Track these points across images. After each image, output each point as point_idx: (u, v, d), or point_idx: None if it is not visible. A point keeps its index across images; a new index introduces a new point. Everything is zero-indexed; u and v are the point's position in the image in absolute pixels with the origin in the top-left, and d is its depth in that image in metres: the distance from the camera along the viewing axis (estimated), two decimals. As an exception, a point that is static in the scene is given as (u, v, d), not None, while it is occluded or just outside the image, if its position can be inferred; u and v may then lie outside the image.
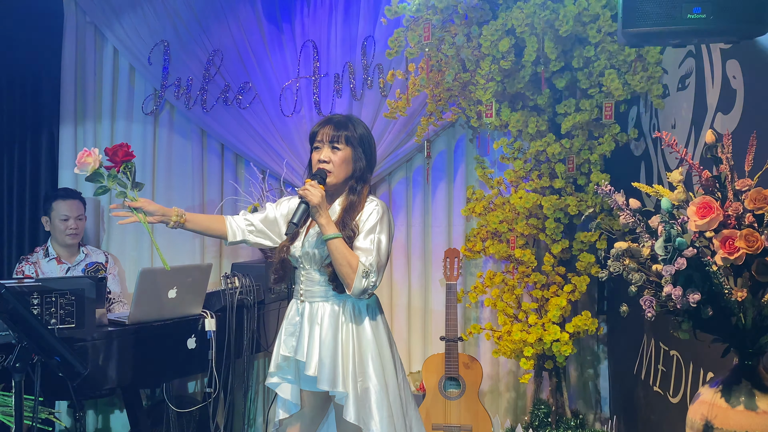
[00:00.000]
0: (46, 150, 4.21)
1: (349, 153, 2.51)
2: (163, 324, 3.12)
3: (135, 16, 4.08)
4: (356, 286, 2.37)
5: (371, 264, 2.39)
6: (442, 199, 3.99)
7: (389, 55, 3.38)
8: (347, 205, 2.50)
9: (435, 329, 3.97)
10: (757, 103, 2.06)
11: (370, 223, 2.46)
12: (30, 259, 3.76)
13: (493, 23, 3.13)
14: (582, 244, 3.44)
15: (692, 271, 1.61)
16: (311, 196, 2.36)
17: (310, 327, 2.49)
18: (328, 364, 2.43)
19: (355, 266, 2.37)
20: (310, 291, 2.53)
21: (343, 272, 2.38)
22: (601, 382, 3.90)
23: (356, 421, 2.40)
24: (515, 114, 3.42)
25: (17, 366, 2.04)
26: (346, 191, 2.54)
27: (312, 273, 2.52)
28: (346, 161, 2.51)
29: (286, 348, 2.55)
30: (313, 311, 2.51)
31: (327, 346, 2.44)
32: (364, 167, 2.54)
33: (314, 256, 2.49)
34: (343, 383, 2.42)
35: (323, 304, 2.51)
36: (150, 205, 2.48)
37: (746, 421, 1.61)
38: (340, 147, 2.50)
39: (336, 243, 2.38)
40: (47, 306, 2.72)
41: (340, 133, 2.50)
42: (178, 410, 3.47)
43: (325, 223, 2.39)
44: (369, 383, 2.45)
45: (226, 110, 4.05)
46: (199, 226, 2.60)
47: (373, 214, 2.47)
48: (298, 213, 2.39)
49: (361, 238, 2.43)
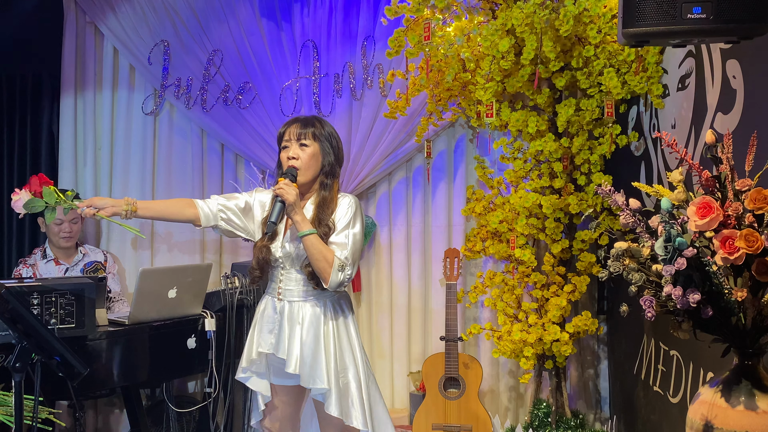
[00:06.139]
0: (46, 150, 4.21)
1: (317, 148, 2.58)
2: (163, 324, 3.13)
3: (135, 16, 4.08)
4: (333, 279, 2.45)
5: (346, 257, 2.48)
6: (442, 199, 3.99)
7: (389, 55, 3.39)
8: (320, 201, 2.57)
9: (435, 329, 3.97)
10: (757, 103, 2.06)
11: (345, 219, 2.54)
12: (28, 262, 3.75)
13: (493, 23, 3.13)
14: (582, 244, 3.44)
15: (692, 271, 1.61)
16: (287, 194, 2.42)
17: (290, 326, 2.56)
18: (309, 362, 2.51)
19: (331, 260, 2.45)
20: (290, 290, 2.59)
21: (320, 267, 2.46)
22: (601, 382, 3.90)
23: (339, 415, 2.49)
24: (515, 114, 3.42)
25: (17, 366, 2.04)
26: (317, 187, 2.60)
27: (292, 273, 2.59)
28: (314, 157, 2.57)
29: (264, 345, 2.60)
30: (293, 311, 2.58)
31: (308, 345, 2.53)
32: (333, 162, 2.61)
33: (295, 256, 2.55)
34: (326, 380, 2.50)
35: (303, 303, 2.58)
36: (98, 201, 2.54)
37: (746, 421, 1.61)
38: (307, 143, 2.56)
39: (311, 239, 2.45)
40: (47, 306, 2.73)
41: (306, 130, 2.58)
42: (178, 410, 3.47)
43: (300, 220, 2.46)
44: (349, 378, 2.55)
45: (226, 110, 4.05)
46: (154, 212, 2.62)
47: (348, 210, 2.55)
48: (275, 212, 2.44)
49: (336, 233, 2.51)
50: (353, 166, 3.95)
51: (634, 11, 1.79)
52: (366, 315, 4.09)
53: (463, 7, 3.20)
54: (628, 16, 1.80)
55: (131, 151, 4.14)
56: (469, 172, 3.96)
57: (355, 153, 3.94)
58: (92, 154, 4.16)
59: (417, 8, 3.16)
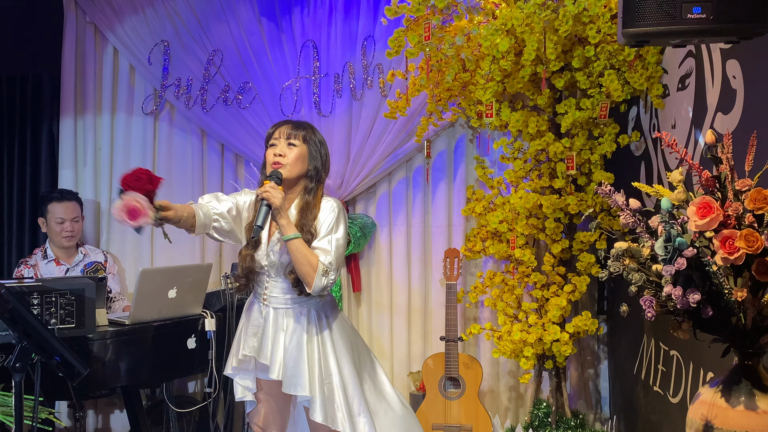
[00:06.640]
0: (46, 150, 4.21)
1: (305, 150, 2.56)
2: (163, 324, 3.13)
3: (135, 16, 4.08)
4: (316, 284, 2.43)
5: (330, 263, 2.46)
6: (442, 199, 3.99)
7: (389, 55, 3.38)
8: (303, 206, 2.54)
9: (435, 329, 3.97)
10: (757, 103, 2.06)
11: (327, 223, 2.51)
12: (29, 262, 3.75)
13: (493, 23, 3.13)
14: (582, 244, 3.44)
15: (692, 271, 1.61)
16: (273, 198, 2.38)
17: (274, 332, 2.57)
18: (291, 369, 2.51)
19: (316, 265, 2.43)
20: (275, 297, 2.59)
21: (304, 271, 2.44)
22: (601, 382, 3.90)
23: (323, 421, 2.49)
24: (515, 114, 3.42)
25: (17, 366, 2.04)
26: (302, 192, 2.57)
27: (277, 280, 2.58)
28: (301, 158, 2.54)
29: (248, 348, 2.61)
30: (278, 317, 2.58)
31: (290, 352, 2.53)
32: (320, 168, 2.58)
33: (279, 264, 2.55)
34: (309, 387, 2.50)
35: (288, 310, 2.58)
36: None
37: (746, 421, 1.61)
38: (296, 143, 2.54)
39: (296, 243, 2.43)
40: (47, 306, 2.72)
41: (297, 131, 2.56)
42: (178, 410, 3.47)
43: (285, 224, 2.43)
44: (334, 384, 2.54)
45: (226, 110, 4.05)
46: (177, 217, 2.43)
47: (330, 214, 2.53)
48: (261, 215, 2.39)
49: (319, 238, 2.49)
50: (353, 166, 3.95)
51: (634, 11, 1.79)
52: (366, 315, 4.09)
53: (463, 8, 3.19)
54: (628, 16, 1.80)
55: (131, 151, 4.14)
56: (469, 172, 3.96)
57: (355, 153, 3.94)
58: (92, 154, 4.16)
59: (417, 8, 3.16)
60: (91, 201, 4.12)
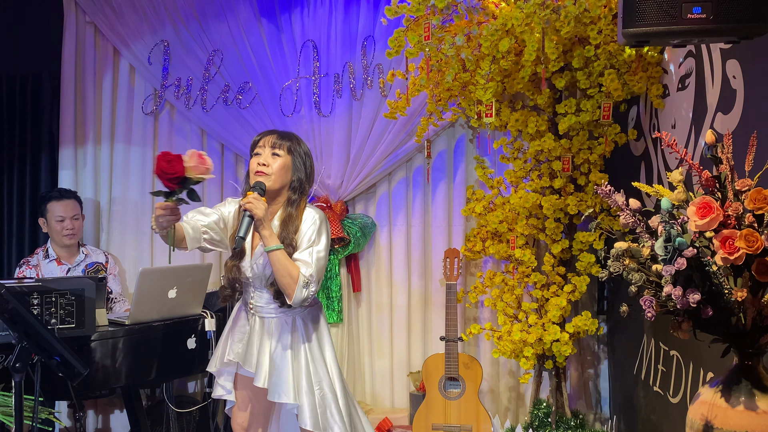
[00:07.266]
0: (46, 150, 4.21)
1: (289, 161, 2.55)
2: (163, 324, 3.13)
3: (135, 16, 4.09)
4: (297, 296, 2.43)
5: (311, 275, 2.45)
6: (442, 199, 3.99)
7: (389, 55, 3.38)
8: (285, 218, 2.53)
9: (435, 329, 3.97)
10: (757, 103, 2.06)
11: (309, 235, 2.50)
12: (31, 262, 3.75)
13: (493, 23, 3.13)
14: (582, 244, 3.44)
15: (692, 271, 1.61)
16: (256, 209, 2.37)
17: (260, 340, 2.58)
18: (276, 376, 2.52)
19: (296, 277, 2.42)
20: (261, 307, 2.61)
21: (284, 283, 2.43)
22: (601, 382, 3.89)
23: (313, 428, 2.49)
24: (515, 114, 3.42)
25: (17, 366, 2.04)
26: (284, 203, 2.56)
27: (263, 291, 2.59)
28: (285, 168, 2.54)
29: (232, 354, 2.63)
30: (264, 326, 2.60)
31: (275, 361, 2.54)
32: (303, 179, 2.57)
33: (263, 276, 2.55)
34: (295, 395, 2.51)
35: (273, 320, 2.59)
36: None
37: (746, 421, 1.61)
38: (280, 153, 2.54)
39: (278, 254, 2.42)
40: (47, 306, 2.73)
41: (282, 141, 2.56)
42: (178, 410, 3.47)
43: (268, 235, 2.42)
44: (325, 389, 2.55)
45: (226, 110, 4.05)
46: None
47: (311, 227, 2.51)
48: (243, 226, 2.39)
49: (300, 251, 2.48)
50: (353, 166, 3.95)
51: (634, 11, 1.79)
52: (366, 315, 4.09)
53: (463, 8, 3.19)
54: (628, 16, 1.80)
55: (131, 151, 4.14)
56: (469, 172, 3.96)
57: (355, 153, 3.94)
58: (92, 154, 4.16)
59: (417, 8, 3.15)
60: (91, 201, 4.12)
